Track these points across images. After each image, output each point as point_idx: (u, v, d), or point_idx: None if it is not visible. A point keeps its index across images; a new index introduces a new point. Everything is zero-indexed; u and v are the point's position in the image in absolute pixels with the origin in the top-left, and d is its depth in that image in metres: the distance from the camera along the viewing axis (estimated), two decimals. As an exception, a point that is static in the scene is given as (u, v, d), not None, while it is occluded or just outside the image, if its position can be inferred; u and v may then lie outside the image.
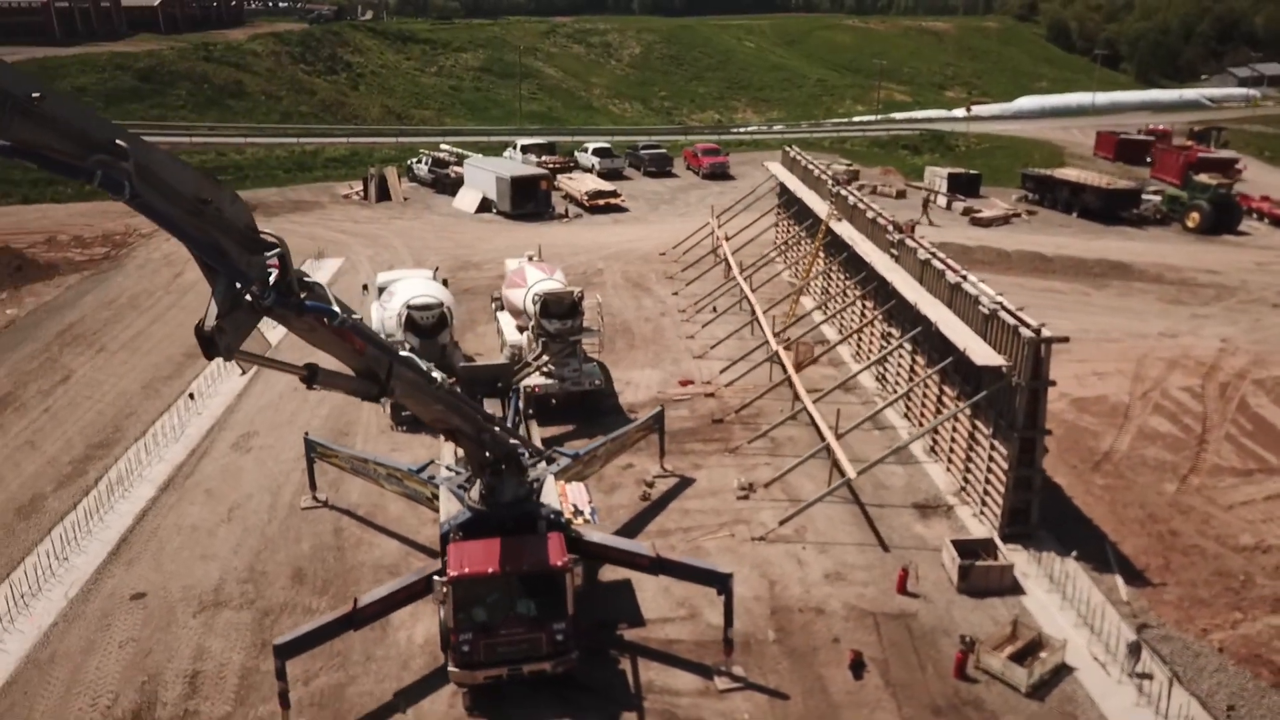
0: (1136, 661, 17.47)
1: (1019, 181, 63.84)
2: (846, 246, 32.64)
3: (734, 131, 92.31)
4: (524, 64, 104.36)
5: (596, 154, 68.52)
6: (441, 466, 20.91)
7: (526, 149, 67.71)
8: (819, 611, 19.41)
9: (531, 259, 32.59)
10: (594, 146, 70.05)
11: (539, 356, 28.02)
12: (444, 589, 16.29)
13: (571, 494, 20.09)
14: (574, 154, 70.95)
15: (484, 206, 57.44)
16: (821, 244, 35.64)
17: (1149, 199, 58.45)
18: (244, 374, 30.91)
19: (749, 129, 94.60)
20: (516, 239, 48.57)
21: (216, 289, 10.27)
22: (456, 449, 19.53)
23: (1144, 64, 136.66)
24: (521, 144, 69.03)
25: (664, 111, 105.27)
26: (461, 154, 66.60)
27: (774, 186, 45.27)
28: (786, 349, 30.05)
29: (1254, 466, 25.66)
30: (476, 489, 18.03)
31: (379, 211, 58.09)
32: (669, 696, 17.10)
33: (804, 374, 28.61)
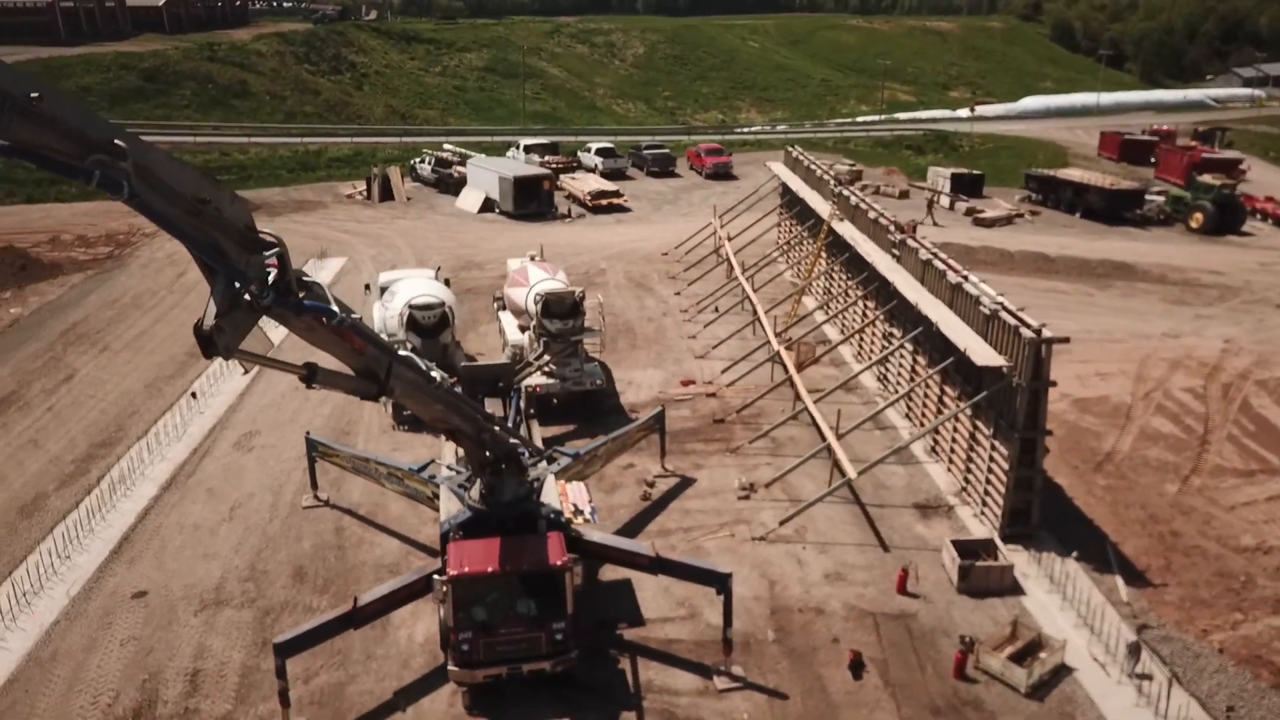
0: (1136, 662, 17.46)
1: (1023, 182, 63.76)
2: (848, 246, 32.64)
3: (738, 131, 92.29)
4: (528, 64, 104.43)
5: (599, 154, 68.56)
6: (442, 466, 20.95)
7: (529, 149, 67.75)
8: (819, 611, 19.42)
9: (534, 259, 32.64)
10: (597, 146, 70.08)
11: (540, 356, 28.05)
12: (444, 588, 16.32)
13: (572, 493, 20.13)
14: (577, 154, 71.00)
15: (487, 206, 57.49)
16: (823, 244, 35.65)
17: (1152, 199, 58.34)
18: (246, 373, 31.00)
19: (753, 129, 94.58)
20: (519, 239, 48.61)
21: (215, 288, 10.31)
22: (457, 448, 19.57)
23: (1148, 64, 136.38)
24: (524, 144, 69.06)
25: (668, 111, 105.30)
26: (464, 154, 66.68)
27: (776, 187, 45.29)
28: (788, 349, 30.04)
29: (1256, 467, 25.61)
30: (477, 488, 18.06)
31: (382, 211, 58.17)
32: (668, 696, 17.12)
33: (805, 374, 28.63)
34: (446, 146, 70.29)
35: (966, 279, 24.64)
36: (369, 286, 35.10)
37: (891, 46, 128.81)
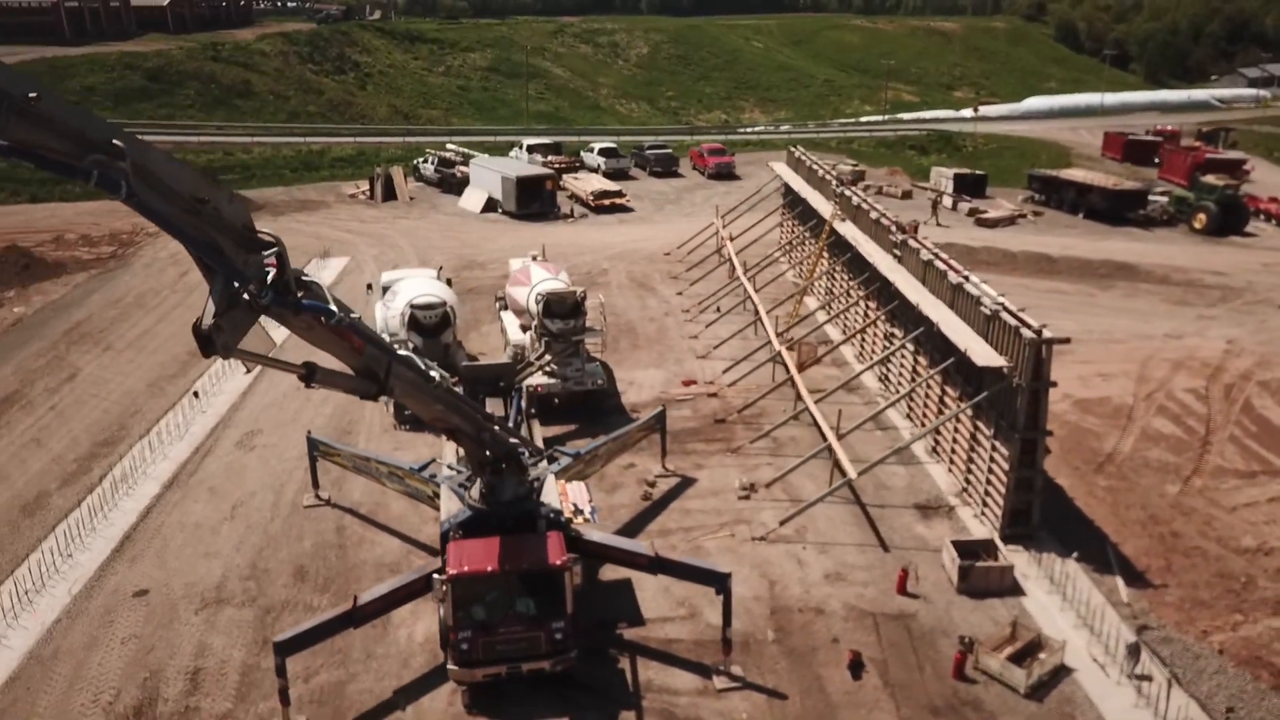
0: (1136, 663, 17.44)
1: (1025, 182, 63.68)
2: (850, 247, 32.64)
3: (741, 132, 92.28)
4: (531, 64, 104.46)
5: (602, 154, 68.59)
6: (443, 465, 20.98)
7: (532, 149, 67.85)
8: (818, 611, 19.42)
9: (536, 258, 32.67)
10: (600, 146, 70.12)
11: (542, 356, 28.07)
12: (443, 587, 16.35)
13: (572, 493, 20.14)
14: (580, 154, 71.05)
15: (489, 206, 57.56)
16: (825, 244, 35.64)
17: (1156, 200, 58.24)
18: (248, 372, 31.09)
19: (756, 129, 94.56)
20: (522, 239, 48.67)
21: (214, 288, 10.35)
22: (458, 448, 19.59)
23: (1153, 64, 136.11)
24: (527, 144, 69.17)
25: (671, 111, 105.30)
26: (467, 154, 66.76)
27: (779, 187, 45.29)
28: (790, 349, 30.05)
29: (1257, 468, 25.56)
30: (477, 488, 18.09)
31: (385, 211, 58.25)
32: (667, 696, 17.14)
33: (807, 374, 28.64)
34: (450, 146, 70.36)
35: (967, 279, 24.63)
36: (371, 286, 35.14)
37: (895, 47, 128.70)
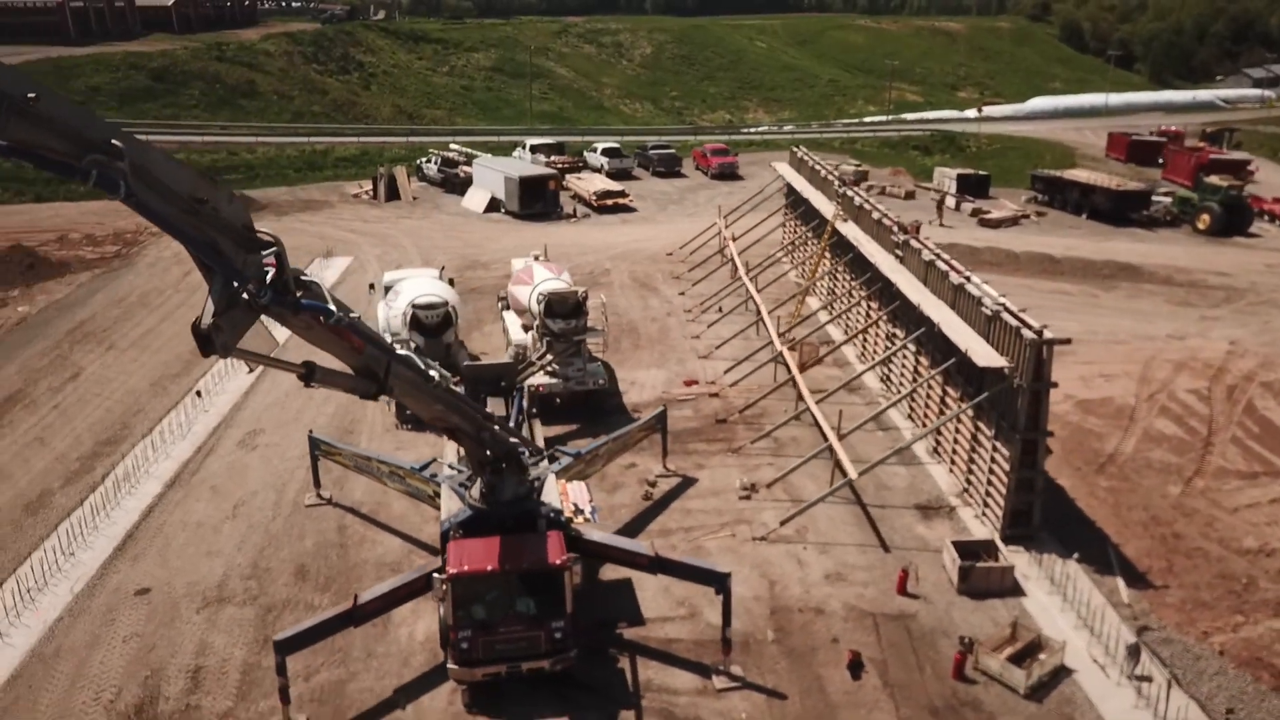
0: (1135, 664, 17.43)
1: (1029, 183, 63.60)
2: (852, 247, 32.63)
3: (744, 132, 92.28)
4: (535, 64, 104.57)
5: (605, 154, 68.63)
6: (444, 465, 21.01)
7: (535, 149, 67.89)
8: (818, 612, 19.43)
9: (538, 258, 32.69)
10: (603, 146, 70.15)
11: (543, 356, 28.10)
12: (443, 586, 16.38)
13: (573, 493, 20.17)
14: (583, 154, 71.08)
15: (492, 206, 57.61)
16: (827, 245, 35.64)
17: (1159, 200, 58.14)
18: (251, 372, 31.16)
19: (760, 129, 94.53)
20: (524, 239, 48.69)
21: (213, 287, 10.39)
22: (459, 447, 19.62)
23: (1158, 65, 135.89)
24: (530, 144, 69.22)
25: (675, 111, 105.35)
26: (471, 154, 66.83)
27: (781, 187, 45.27)
28: (791, 349, 30.05)
29: (1259, 469, 25.52)
30: (477, 487, 18.12)
31: (388, 211, 58.32)
32: (667, 695, 17.16)
33: (808, 374, 28.65)
34: (453, 146, 70.46)
35: (969, 280, 24.62)
36: (373, 286, 35.18)
37: (899, 47, 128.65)
